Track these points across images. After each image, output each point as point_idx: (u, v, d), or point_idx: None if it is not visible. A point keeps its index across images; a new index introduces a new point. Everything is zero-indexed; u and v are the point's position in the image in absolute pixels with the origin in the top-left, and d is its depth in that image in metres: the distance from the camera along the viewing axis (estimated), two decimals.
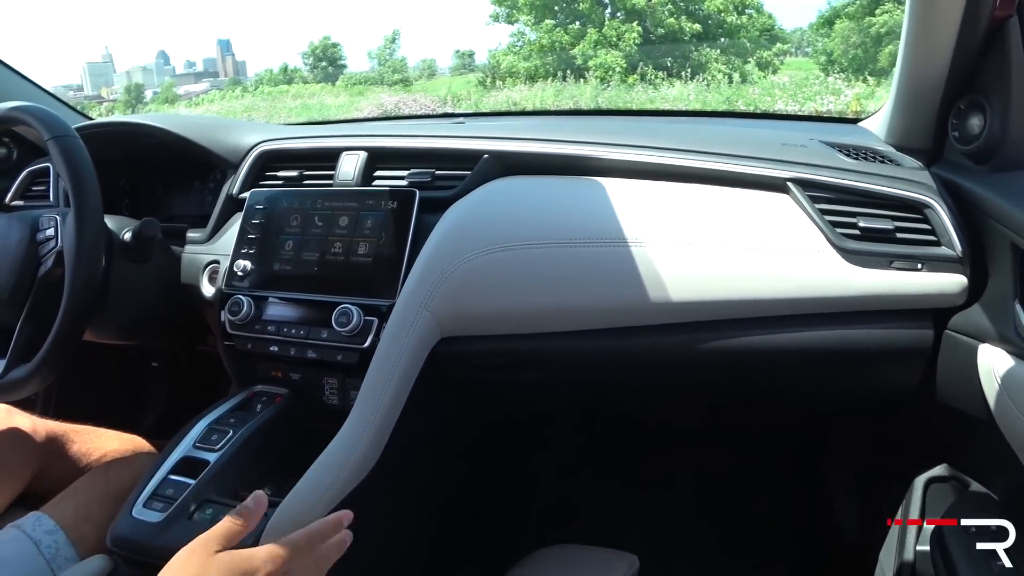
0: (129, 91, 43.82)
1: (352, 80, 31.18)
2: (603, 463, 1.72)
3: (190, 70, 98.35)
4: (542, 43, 19.39)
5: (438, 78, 42.09)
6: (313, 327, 1.16)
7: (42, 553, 1.07)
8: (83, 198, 1.15)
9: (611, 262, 1.02)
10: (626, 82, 16.21)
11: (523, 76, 18.95)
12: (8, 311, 1.22)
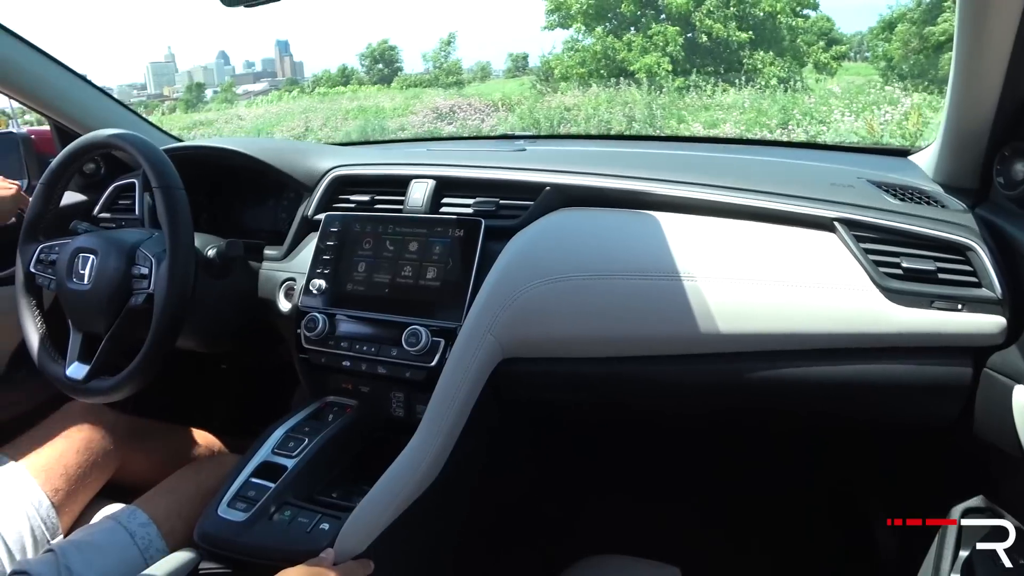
0: (190, 90, 44.76)
1: (407, 82, 31.42)
2: (645, 476, 1.78)
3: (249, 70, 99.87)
4: (595, 49, 19.37)
5: (491, 80, 42.16)
6: (383, 345, 1.26)
7: (136, 544, 1.18)
8: (177, 250, 1.27)
9: (664, 295, 1.09)
10: (679, 88, 16.10)
11: (576, 81, 18.95)
12: (96, 324, 1.35)
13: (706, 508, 1.71)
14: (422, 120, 15.95)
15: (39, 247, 1.46)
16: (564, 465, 1.72)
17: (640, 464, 1.79)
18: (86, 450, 1.35)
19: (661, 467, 1.77)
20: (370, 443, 1.31)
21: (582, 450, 1.73)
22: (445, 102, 17.20)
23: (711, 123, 12.22)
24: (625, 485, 1.78)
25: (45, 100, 1.75)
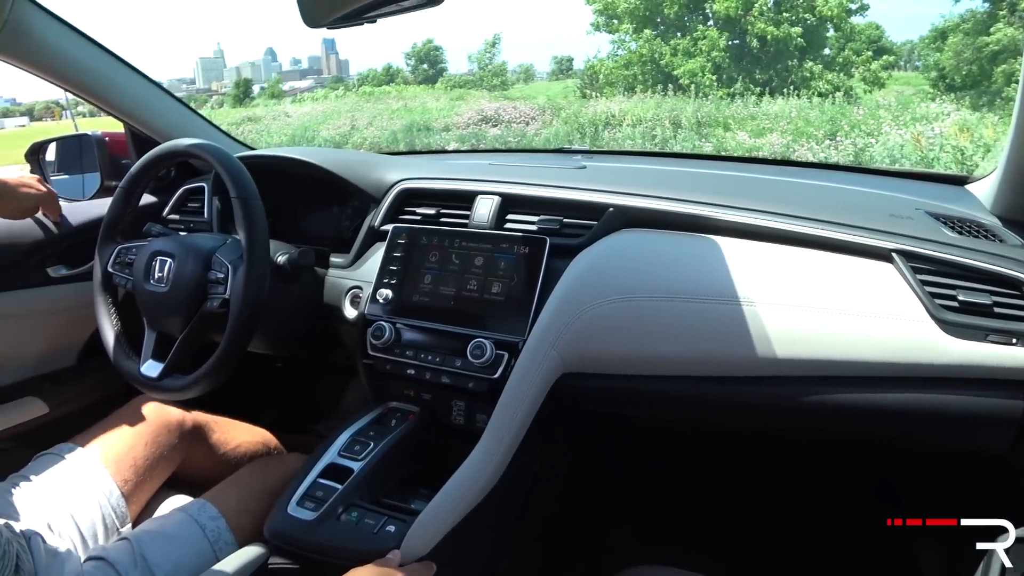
0: (238, 86, 45.40)
1: (451, 82, 31.55)
2: (689, 489, 1.79)
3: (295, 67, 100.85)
4: (640, 52, 19.27)
5: (536, 82, 42.12)
6: (448, 355, 1.30)
7: (206, 536, 1.24)
8: (254, 258, 1.33)
9: (722, 318, 1.11)
10: (724, 95, 15.96)
11: (622, 86, 18.87)
12: (171, 324, 1.42)
13: (749, 521, 1.72)
14: (467, 122, 16.01)
15: (117, 248, 1.53)
16: (610, 475, 1.75)
17: (685, 476, 1.80)
18: (153, 443, 1.40)
19: (704, 479, 1.79)
20: (432, 449, 1.35)
21: (630, 461, 1.76)
22: (490, 105, 17.24)
23: (757, 132, 12.13)
24: (671, 497, 1.80)
25: (123, 107, 1.83)
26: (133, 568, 1.14)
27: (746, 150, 11.49)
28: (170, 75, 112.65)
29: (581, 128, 13.88)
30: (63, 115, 52.14)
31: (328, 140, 17.67)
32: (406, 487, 1.27)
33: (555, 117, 15.17)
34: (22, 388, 1.72)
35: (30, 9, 1.55)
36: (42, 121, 66.23)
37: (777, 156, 10.88)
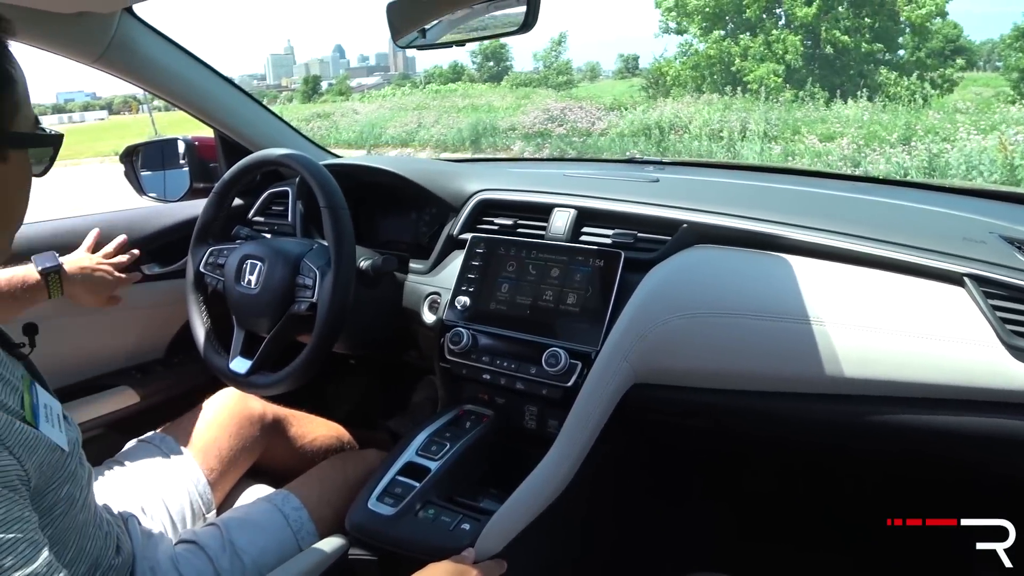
0: (307, 82, 46.25)
1: (517, 81, 31.64)
2: (748, 499, 1.80)
3: (363, 64, 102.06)
4: (709, 53, 19.03)
5: (601, 81, 41.89)
6: (523, 362, 1.35)
7: (290, 526, 1.30)
8: (341, 265, 1.40)
9: (792, 337, 1.14)
10: (795, 98, 15.68)
11: (689, 87, 18.65)
12: (259, 324, 1.50)
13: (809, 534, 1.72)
14: (532, 121, 16.02)
15: (209, 249, 1.62)
16: (671, 482, 1.77)
17: (740, 487, 1.81)
18: (237, 435, 1.48)
19: (759, 491, 1.79)
20: (505, 452, 1.40)
21: (691, 470, 1.78)
22: (556, 104, 17.23)
23: (827, 136, 11.87)
24: (727, 506, 1.80)
25: (216, 115, 1.92)
26: (222, 552, 1.20)
27: (815, 154, 11.25)
28: (241, 71, 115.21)
29: (647, 130, 13.77)
30: (140, 109, 53.79)
31: (395, 138, 17.88)
32: (478, 487, 1.32)
33: (621, 118, 15.08)
34: (115, 378, 1.82)
35: (135, 26, 1.65)
36: (120, 115, 68.42)
37: (847, 160, 10.64)
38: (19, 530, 0.68)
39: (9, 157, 0.78)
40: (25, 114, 0.80)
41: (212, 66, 1.87)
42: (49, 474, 0.82)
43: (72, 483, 0.88)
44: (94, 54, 1.59)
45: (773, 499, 1.77)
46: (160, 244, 1.89)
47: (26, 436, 0.78)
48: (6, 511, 0.68)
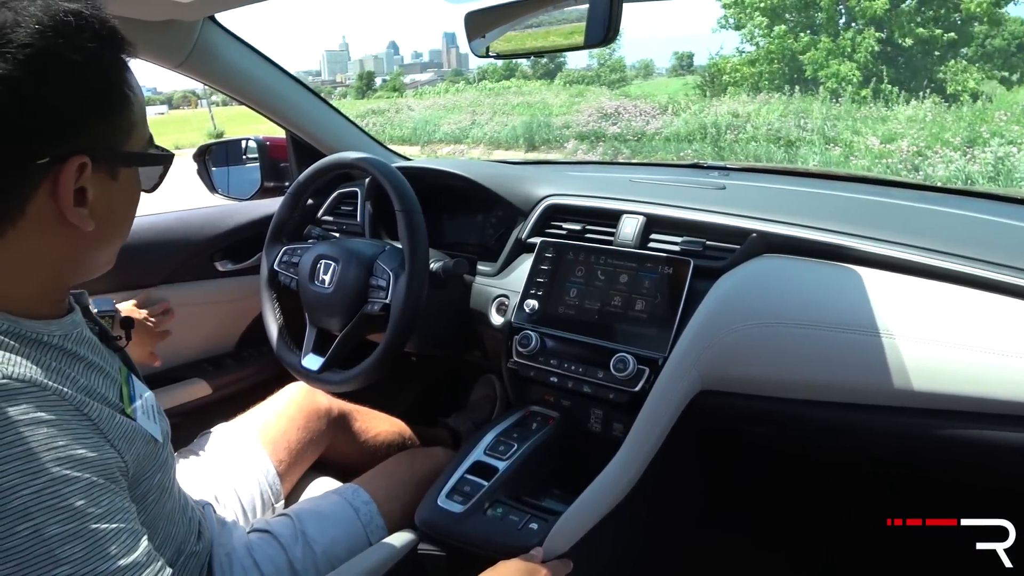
0: (361, 78, 46.76)
1: (570, 78, 31.54)
2: (809, 508, 1.78)
3: (417, 60, 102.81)
4: (770, 49, 18.67)
5: (654, 79, 41.53)
6: (591, 366, 1.37)
7: (359, 519, 1.33)
8: (415, 268, 1.44)
9: (861, 348, 1.13)
10: (858, 97, 15.34)
11: (747, 85, 18.35)
12: (331, 323, 1.55)
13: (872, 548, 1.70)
14: (587, 119, 15.97)
15: (283, 248, 1.66)
16: (733, 488, 1.77)
17: (802, 496, 1.80)
18: (304, 428, 1.52)
19: (818, 500, 1.77)
20: (570, 454, 1.42)
21: (754, 477, 1.77)
22: (610, 103, 17.13)
23: (888, 137, 11.61)
24: (788, 514, 1.79)
25: (290, 117, 1.99)
26: (295, 542, 1.24)
27: (875, 155, 11.02)
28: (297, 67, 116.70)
29: (703, 128, 13.63)
30: (199, 104, 55.02)
31: (448, 135, 17.96)
32: (542, 487, 1.34)
33: (675, 117, 14.94)
34: (189, 370, 1.89)
35: (216, 32, 1.72)
36: (179, 109, 70.01)
37: (907, 163, 10.41)
38: (121, 520, 0.71)
39: (119, 175, 0.81)
40: (140, 134, 0.83)
41: (286, 69, 1.93)
42: (145, 464, 0.85)
43: (163, 472, 0.91)
44: (178, 59, 1.66)
45: (829, 511, 1.76)
46: (232, 242, 1.96)
47: (125, 429, 0.80)
48: (109, 502, 0.71)
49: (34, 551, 0.64)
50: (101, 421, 0.76)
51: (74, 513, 0.67)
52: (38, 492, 0.65)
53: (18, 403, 0.68)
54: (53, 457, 0.67)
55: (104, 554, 0.67)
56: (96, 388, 0.81)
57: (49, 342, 0.79)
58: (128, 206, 0.85)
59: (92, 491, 0.69)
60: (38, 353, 0.76)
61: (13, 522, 0.63)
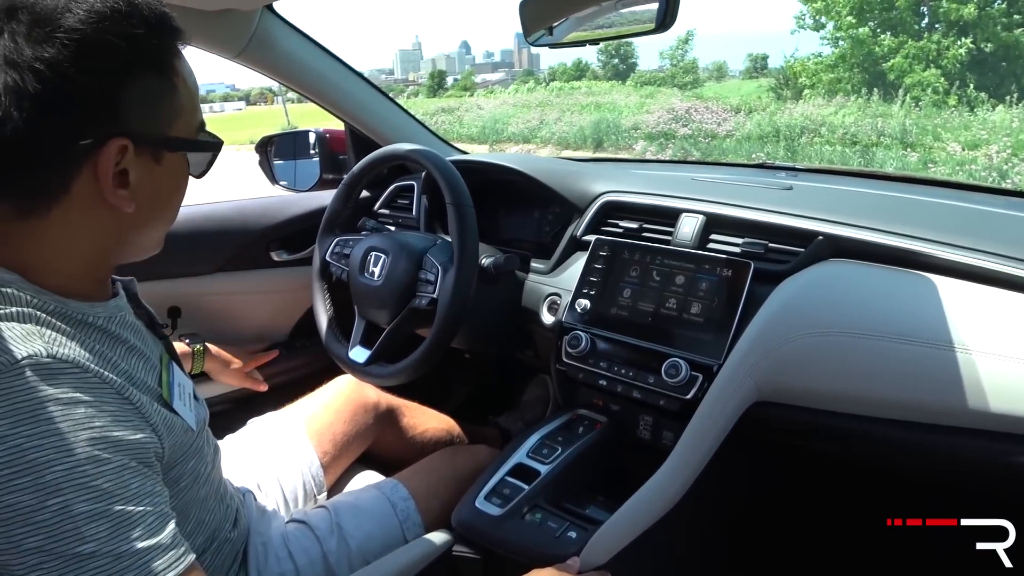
0: (432, 77, 47.35)
1: (642, 79, 31.34)
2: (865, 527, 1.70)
3: (488, 60, 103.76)
4: (850, 52, 18.20)
5: (727, 80, 41.02)
6: (641, 371, 1.31)
7: (397, 515, 1.32)
8: (464, 263, 1.40)
9: (935, 364, 1.05)
10: (942, 103, 14.86)
11: (823, 89, 17.94)
12: (379, 316, 1.53)
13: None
14: (656, 120, 15.82)
15: (335, 240, 1.66)
16: (784, 505, 1.69)
17: (856, 515, 1.72)
18: (351, 421, 1.51)
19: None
20: (616, 460, 1.38)
21: (807, 494, 1.70)
22: (681, 104, 16.95)
23: (971, 143, 11.20)
24: (840, 534, 1.72)
25: (348, 109, 1.97)
26: (330, 535, 1.23)
27: (957, 163, 10.65)
28: (370, 66, 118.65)
29: (777, 132, 13.35)
30: (275, 100, 56.42)
31: (516, 134, 18.01)
32: (585, 493, 1.30)
33: (748, 119, 14.67)
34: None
35: (274, 22, 1.71)
36: (256, 106, 71.99)
37: (993, 170, 10.03)
38: (150, 503, 0.73)
39: (163, 159, 0.82)
40: (187, 120, 0.84)
41: (345, 61, 1.92)
42: (178, 450, 0.86)
43: (197, 459, 0.93)
44: (236, 49, 1.66)
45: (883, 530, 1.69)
46: (289, 232, 1.96)
47: (163, 416, 0.82)
48: (139, 485, 0.73)
49: (62, 526, 0.66)
50: (142, 405, 0.78)
51: (102, 493, 0.69)
52: (70, 469, 0.67)
53: (59, 382, 0.70)
54: (88, 437, 0.70)
55: (127, 535, 0.69)
56: (136, 372, 0.83)
57: (94, 323, 0.82)
58: (173, 191, 0.87)
59: (123, 473, 0.71)
60: (83, 334, 0.79)
61: (45, 496, 0.66)
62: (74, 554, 0.66)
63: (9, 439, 0.66)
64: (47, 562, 0.66)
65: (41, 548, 0.66)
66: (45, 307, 0.76)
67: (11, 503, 0.65)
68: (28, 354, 0.70)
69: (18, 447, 0.66)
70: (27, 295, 0.76)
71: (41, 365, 0.70)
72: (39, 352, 0.70)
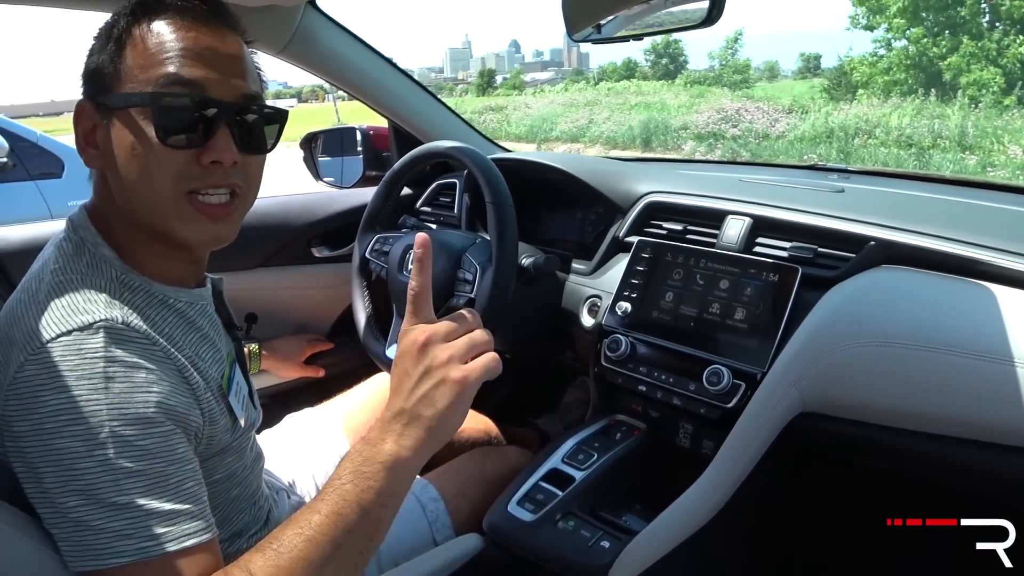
0: (482, 75, 47.57)
1: (691, 79, 31.04)
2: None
3: (537, 59, 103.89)
4: (907, 53, 17.81)
5: (779, 81, 40.44)
6: (682, 377, 1.27)
7: (426, 516, 1.31)
8: (502, 263, 1.38)
9: (991, 378, 0.99)
10: (1000, 104, 14.45)
11: (878, 89, 17.59)
12: None
13: None
14: (706, 121, 15.67)
15: (375, 237, 1.65)
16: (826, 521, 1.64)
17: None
18: None
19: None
20: (655, 469, 1.34)
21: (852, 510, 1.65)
22: (731, 104, 16.74)
23: None
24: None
25: (390, 105, 1.97)
26: None
27: (1018, 166, 10.35)
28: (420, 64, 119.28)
29: (830, 133, 13.09)
30: (326, 98, 57.24)
31: (565, 133, 17.98)
32: (621, 501, 1.27)
33: (801, 120, 14.42)
34: None
35: (317, 19, 1.71)
36: (308, 103, 73.13)
37: None
38: (190, 472, 0.79)
39: (111, 117, 0.84)
40: (136, 79, 0.83)
41: (389, 58, 1.92)
42: (218, 444, 0.90)
43: (235, 457, 0.95)
44: (279, 45, 1.67)
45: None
46: (331, 228, 1.97)
47: (214, 406, 0.87)
48: (184, 452, 0.79)
49: (104, 475, 0.72)
50: (199, 389, 0.84)
51: (146, 452, 0.74)
52: (123, 425, 0.73)
53: (126, 346, 0.77)
54: (143, 399, 0.75)
55: (161, 494, 0.74)
56: (202, 359, 0.89)
57: (174, 306, 0.89)
58: (127, 151, 0.84)
59: (171, 438, 0.77)
60: (160, 313, 0.87)
61: (93, 446, 0.72)
62: (111, 502, 0.71)
63: (72, 389, 0.73)
64: (86, 505, 0.71)
65: (83, 491, 0.71)
66: (131, 284, 0.85)
67: (64, 447, 0.72)
68: (105, 317, 0.77)
69: (79, 397, 0.72)
70: (117, 271, 0.84)
71: (115, 330, 0.77)
72: (115, 318, 0.77)
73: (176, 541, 0.73)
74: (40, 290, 0.80)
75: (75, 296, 0.79)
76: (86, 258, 0.84)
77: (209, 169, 0.85)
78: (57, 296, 0.78)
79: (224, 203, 0.88)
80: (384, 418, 0.80)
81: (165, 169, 0.83)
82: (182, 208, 0.85)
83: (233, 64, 0.87)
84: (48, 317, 0.76)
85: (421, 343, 0.81)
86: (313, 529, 0.74)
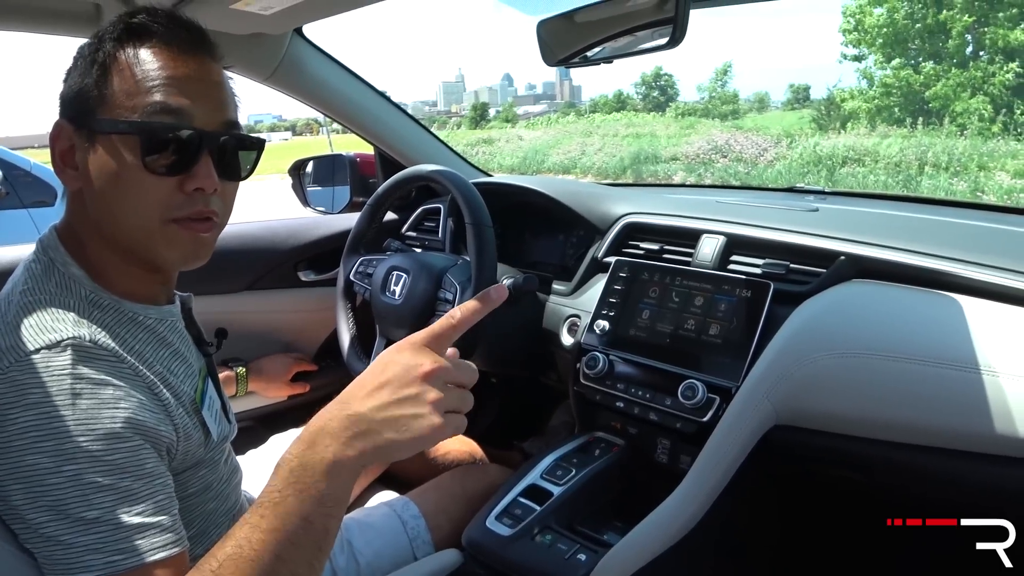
0: (475, 109, 47.89)
1: (681, 110, 31.31)
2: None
3: (530, 92, 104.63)
4: (890, 82, 18.03)
5: (769, 112, 40.79)
6: (659, 392, 1.29)
7: (407, 532, 1.32)
8: (481, 283, 1.41)
9: (959, 387, 1.01)
10: (987, 131, 14.61)
11: (864, 119, 17.78)
12: (399, 334, 1.51)
13: None
14: (696, 151, 15.80)
15: (359, 259, 1.67)
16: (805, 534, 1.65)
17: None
18: None
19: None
20: (632, 484, 1.35)
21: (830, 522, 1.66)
22: (721, 135, 16.89)
23: (1021, 172, 11.00)
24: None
25: (375, 132, 2.01)
26: (340, 552, 1.25)
27: (1005, 191, 10.45)
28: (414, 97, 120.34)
29: (818, 162, 13.21)
30: (320, 131, 57.64)
31: (557, 164, 18.09)
32: (600, 517, 1.28)
33: (791, 150, 14.54)
34: None
35: (303, 47, 1.75)
36: (302, 136, 73.58)
37: None
38: (159, 486, 0.78)
39: (96, 141, 0.84)
40: (122, 106, 0.84)
41: (373, 85, 1.95)
42: (192, 458, 0.90)
43: (209, 469, 0.95)
44: (266, 72, 1.70)
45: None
46: (317, 252, 1.99)
47: (186, 421, 0.88)
48: (153, 467, 0.78)
49: (72, 491, 0.72)
50: (170, 405, 0.85)
51: (115, 467, 0.74)
52: (90, 441, 0.73)
53: (93, 364, 0.77)
54: (110, 414, 0.75)
55: (130, 509, 0.74)
56: (174, 375, 0.89)
57: (144, 323, 0.89)
58: (109, 175, 0.84)
59: (140, 452, 0.77)
60: (129, 330, 0.87)
61: (62, 462, 0.72)
62: (79, 517, 0.71)
63: (41, 406, 0.73)
64: (56, 520, 0.71)
65: (52, 507, 0.71)
66: (101, 302, 0.85)
67: (33, 463, 0.72)
68: (73, 336, 0.77)
69: (46, 414, 0.73)
70: (86, 290, 0.85)
71: (82, 348, 0.77)
72: (83, 336, 0.78)
73: (146, 555, 0.73)
74: (9, 311, 0.81)
75: (43, 315, 0.79)
76: (55, 278, 0.84)
77: (192, 196, 0.86)
78: (26, 316, 0.79)
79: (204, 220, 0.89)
80: (332, 415, 0.75)
81: (148, 195, 0.84)
82: (169, 232, 0.86)
83: (216, 92, 0.89)
84: (16, 336, 0.77)
85: (427, 371, 0.74)
86: (254, 548, 0.69)
